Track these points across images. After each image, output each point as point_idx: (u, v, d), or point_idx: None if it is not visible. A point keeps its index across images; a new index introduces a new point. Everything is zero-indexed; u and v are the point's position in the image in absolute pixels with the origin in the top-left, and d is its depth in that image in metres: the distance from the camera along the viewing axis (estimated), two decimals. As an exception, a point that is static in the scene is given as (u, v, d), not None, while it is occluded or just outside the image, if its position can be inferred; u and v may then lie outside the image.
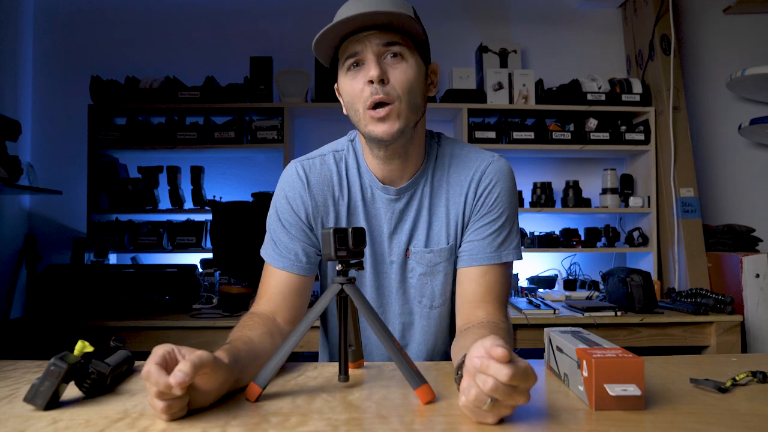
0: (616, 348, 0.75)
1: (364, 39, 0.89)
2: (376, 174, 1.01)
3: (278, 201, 1.03)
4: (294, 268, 1.00)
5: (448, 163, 1.03)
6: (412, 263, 1.03)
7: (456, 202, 1.01)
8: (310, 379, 0.86)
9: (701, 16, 3.03)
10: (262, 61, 2.69)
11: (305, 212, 1.01)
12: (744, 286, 2.34)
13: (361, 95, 0.91)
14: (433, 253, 1.02)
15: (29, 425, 0.66)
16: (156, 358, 0.66)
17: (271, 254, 1.02)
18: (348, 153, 1.04)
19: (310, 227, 1.02)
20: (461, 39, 2.97)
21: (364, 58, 0.90)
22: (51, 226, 2.77)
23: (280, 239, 1.01)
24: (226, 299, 2.21)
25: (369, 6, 0.87)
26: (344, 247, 0.76)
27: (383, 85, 0.89)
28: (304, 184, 1.01)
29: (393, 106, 0.90)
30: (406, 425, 0.66)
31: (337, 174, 1.02)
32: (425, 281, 1.04)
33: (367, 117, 0.91)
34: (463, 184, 1.01)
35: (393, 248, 1.03)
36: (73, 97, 2.76)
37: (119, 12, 2.88)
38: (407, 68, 0.91)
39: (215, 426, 0.66)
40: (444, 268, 1.03)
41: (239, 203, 2.48)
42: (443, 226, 1.02)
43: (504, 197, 1.01)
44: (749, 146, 3.00)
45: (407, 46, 0.92)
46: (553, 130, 2.71)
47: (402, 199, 1.01)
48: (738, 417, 0.69)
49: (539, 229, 2.78)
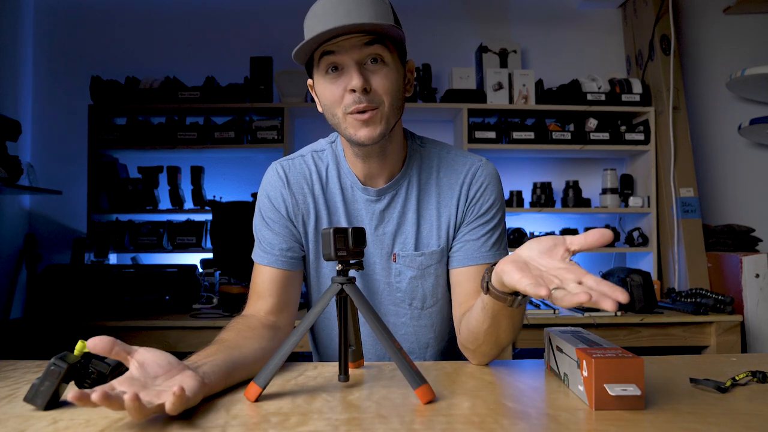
0: (616, 348, 0.75)
1: (344, 43, 0.87)
2: (357, 174, 1.01)
3: (261, 202, 1.05)
4: (279, 263, 1.01)
5: (437, 167, 1.04)
6: (400, 267, 1.03)
7: (448, 205, 1.02)
8: (310, 379, 0.86)
9: (701, 16, 3.03)
10: (262, 61, 2.69)
11: (285, 209, 1.02)
12: (744, 286, 2.34)
13: (341, 101, 0.90)
14: (425, 256, 1.02)
15: (29, 425, 0.66)
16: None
17: (257, 253, 1.03)
18: (328, 154, 1.05)
19: (292, 223, 1.03)
20: (461, 39, 2.97)
21: (343, 64, 0.89)
22: (51, 226, 2.77)
23: (265, 237, 1.02)
24: (226, 299, 2.21)
25: (348, 17, 0.84)
26: (344, 247, 0.76)
27: (366, 94, 0.88)
28: (283, 183, 1.03)
29: (375, 112, 0.90)
30: (406, 425, 0.66)
31: (317, 173, 1.03)
32: (416, 284, 1.04)
33: (348, 121, 0.91)
34: (454, 187, 1.02)
35: (375, 248, 1.03)
36: (73, 97, 2.76)
37: (119, 12, 2.88)
38: (388, 72, 0.90)
39: (215, 426, 0.66)
40: (435, 270, 1.04)
41: (239, 203, 2.48)
42: (434, 229, 1.02)
43: (495, 200, 1.03)
44: (749, 146, 3.01)
45: (387, 48, 0.90)
46: (553, 130, 2.71)
47: (383, 200, 1.02)
48: (738, 417, 0.69)
49: (539, 229, 2.78)
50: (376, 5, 0.88)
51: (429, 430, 0.65)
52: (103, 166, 2.63)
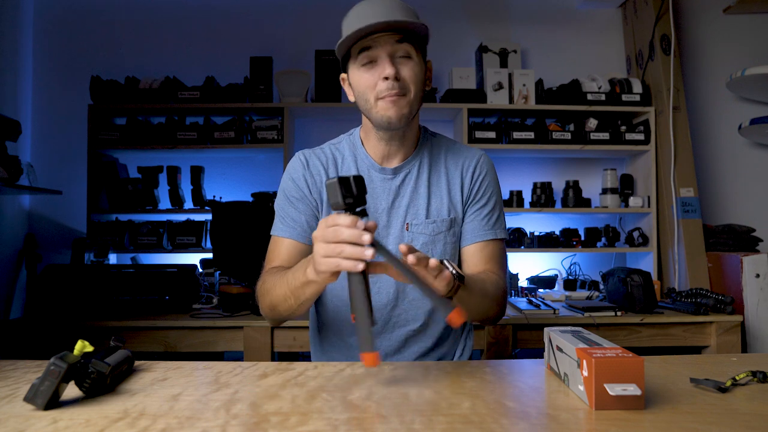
0: (616, 348, 0.75)
1: (379, 39, 1.04)
2: (374, 157, 1.17)
3: (285, 184, 1.18)
4: (301, 237, 1.13)
5: (444, 154, 1.22)
6: (413, 234, 1.15)
7: (455, 183, 1.19)
8: (310, 379, 0.86)
9: (701, 16, 3.03)
10: (262, 61, 2.69)
11: (307, 187, 1.16)
12: (744, 286, 2.34)
13: (374, 88, 1.06)
14: (436, 223, 1.16)
15: (29, 425, 0.66)
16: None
17: (279, 227, 1.16)
18: (345, 144, 1.21)
19: (312, 200, 1.16)
20: (461, 39, 2.97)
21: (378, 56, 1.05)
22: (51, 226, 2.77)
23: (288, 214, 1.15)
24: (226, 299, 2.21)
25: (386, 14, 1.02)
26: (350, 194, 0.80)
27: (397, 81, 1.04)
28: (304, 166, 1.17)
29: (404, 97, 1.06)
30: (406, 425, 0.66)
31: (333, 159, 1.19)
32: (427, 250, 1.16)
33: (380, 104, 1.06)
34: (459, 169, 1.20)
35: (391, 221, 1.16)
36: (73, 97, 2.76)
37: (119, 12, 2.88)
38: (414, 65, 1.07)
39: (215, 426, 0.66)
40: (444, 237, 1.17)
41: (239, 203, 2.48)
42: (445, 200, 1.17)
43: (493, 185, 1.21)
44: (749, 146, 3.00)
45: (414, 46, 1.07)
46: (553, 130, 2.71)
47: (398, 176, 1.17)
48: (738, 417, 0.69)
49: (539, 229, 2.78)
50: (406, 9, 1.07)
51: (429, 430, 0.65)
52: (103, 166, 2.63)
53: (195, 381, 0.86)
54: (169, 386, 0.83)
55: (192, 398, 0.77)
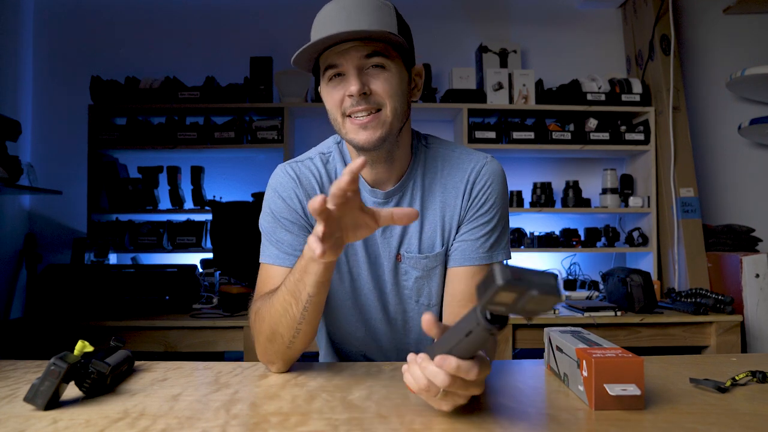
0: (615, 348, 0.75)
1: (345, 52, 0.88)
2: (363, 177, 1.00)
3: (273, 203, 1.01)
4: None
5: (441, 166, 1.03)
6: (405, 267, 1.03)
7: (452, 205, 1.01)
8: (310, 379, 0.86)
9: (701, 16, 3.03)
10: (262, 61, 2.69)
11: (302, 208, 1.00)
12: (744, 286, 2.34)
13: (341, 106, 0.91)
14: (428, 259, 1.02)
15: (29, 425, 0.66)
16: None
17: (275, 254, 0.99)
18: (335, 155, 1.04)
19: (309, 223, 1.00)
20: (461, 39, 2.97)
21: (345, 70, 0.90)
22: (51, 226, 2.77)
23: (283, 239, 0.99)
24: (226, 299, 2.21)
25: (348, 23, 0.86)
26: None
27: (365, 97, 0.89)
28: (296, 182, 1.01)
29: (377, 115, 0.90)
30: (406, 425, 0.66)
31: (327, 174, 1.03)
32: (422, 283, 1.04)
33: (347, 125, 0.92)
34: (458, 187, 1.01)
35: (384, 249, 1.03)
36: (73, 97, 2.76)
37: (119, 12, 2.88)
38: (389, 77, 0.90)
39: (215, 426, 0.66)
40: (440, 270, 1.04)
41: (239, 203, 2.48)
42: (437, 230, 1.02)
43: (498, 199, 1.02)
44: (749, 146, 3.00)
45: (388, 55, 0.90)
46: (553, 130, 2.71)
47: (390, 202, 1.01)
48: (738, 417, 0.69)
49: (539, 229, 2.78)
50: (378, 12, 0.89)
51: (429, 430, 0.65)
52: (103, 166, 2.63)
53: (195, 381, 0.86)
54: (169, 386, 0.83)
55: (192, 398, 0.77)
